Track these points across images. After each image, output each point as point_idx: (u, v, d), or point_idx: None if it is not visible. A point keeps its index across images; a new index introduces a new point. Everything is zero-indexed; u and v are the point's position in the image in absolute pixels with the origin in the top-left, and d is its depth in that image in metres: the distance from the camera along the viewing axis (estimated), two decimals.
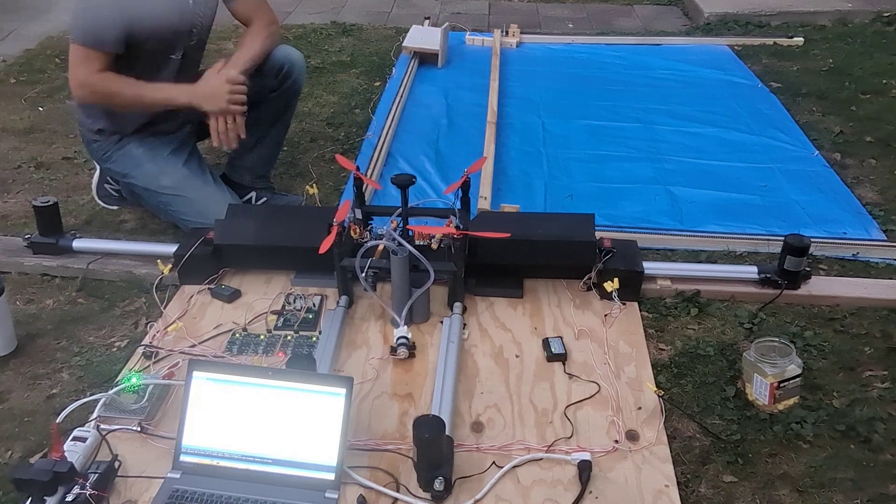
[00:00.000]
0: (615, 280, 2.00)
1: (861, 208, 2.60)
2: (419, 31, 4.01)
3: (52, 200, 2.24)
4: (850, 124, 3.23)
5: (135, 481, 1.52)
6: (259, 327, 1.97)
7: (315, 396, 1.51)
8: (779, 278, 2.11)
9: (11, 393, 1.80)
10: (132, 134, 2.30)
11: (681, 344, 1.96)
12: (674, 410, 1.73)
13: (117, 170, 2.37)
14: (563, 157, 2.96)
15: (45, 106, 3.39)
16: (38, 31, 4.32)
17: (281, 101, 2.48)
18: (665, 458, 1.60)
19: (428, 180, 2.78)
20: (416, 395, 1.76)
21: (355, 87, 3.61)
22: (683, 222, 2.52)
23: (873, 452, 1.65)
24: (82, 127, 2.36)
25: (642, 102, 3.43)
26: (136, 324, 2.02)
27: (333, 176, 2.79)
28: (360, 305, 2.06)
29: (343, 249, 1.97)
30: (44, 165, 2.87)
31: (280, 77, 2.43)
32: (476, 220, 2.14)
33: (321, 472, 1.49)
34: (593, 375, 1.82)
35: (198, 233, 2.14)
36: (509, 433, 1.65)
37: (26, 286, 2.17)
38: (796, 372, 1.73)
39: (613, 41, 4.30)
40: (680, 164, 2.90)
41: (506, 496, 1.50)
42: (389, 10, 4.88)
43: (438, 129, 3.19)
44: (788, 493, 1.55)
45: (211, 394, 1.53)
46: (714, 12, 4.61)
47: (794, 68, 3.88)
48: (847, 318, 2.06)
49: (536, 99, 3.48)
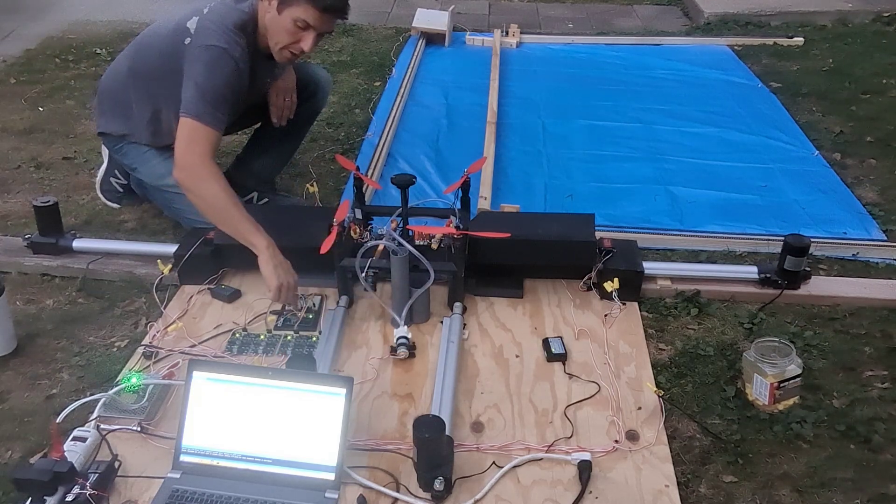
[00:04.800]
0: (615, 280, 2.00)
1: (861, 208, 2.60)
2: (426, 14, 4.25)
3: (52, 200, 2.24)
4: (850, 124, 3.23)
5: (135, 481, 1.52)
6: (259, 327, 1.97)
7: (315, 396, 1.51)
8: (779, 278, 2.11)
9: (11, 393, 1.80)
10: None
11: (681, 344, 1.96)
12: (674, 410, 1.73)
13: (126, 162, 2.40)
14: (563, 157, 2.97)
15: (45, 106, 3.38)
16: (38, 31, 4.32)
17: (300, 117, 2.51)
18: (665, 458, 1.59)
19: (428, 180, 2.78)
20: (416, 395, 1.76)
21: (355, 87, 3.61)
22: (683, 222, 2.52)
23: (873, 452, 1.65)
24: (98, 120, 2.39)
25: (642, 102, 3.44)
26: (136, 324, 2.02)
27: (333, 176, 2.79)
28: (360, 305, 2.06)
29: (343, 249, 1.97)
30: (44, 165, 2.87)
31: (304, 95, 2.48)
32: (476, 220, 2.14)
33: (321, 472, 1.48)
34: (593, 375, 1.82)
35: (198, 233, 2.14)
36: (509, 433, 1.65)
37: (26, 286, 2.17)
38: (796, 372, 1.73)
39: (613, 41, 4.30)
40: (680, 164, 2.90)
41: (506, 496, 1.50)
42: (389, 10, 4.88)
43: (438, 129, 3.19)
44: (788, 493, 1.55)
45: (211, 394, 1.53)
46: (714, 12, 4.61)
47: (794, 68, 3.88)
48: (847, 318, 2.06)
49: (536, 99, 3.49)
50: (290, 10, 1.99)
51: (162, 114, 2.22)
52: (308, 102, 2.52)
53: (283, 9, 2.00)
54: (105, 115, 2.35)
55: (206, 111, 1.98)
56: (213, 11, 2.08)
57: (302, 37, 2.03)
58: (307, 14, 1.99)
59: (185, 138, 1.98)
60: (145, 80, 2.21)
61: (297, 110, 2.47)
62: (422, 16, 4.26)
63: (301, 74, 2.46)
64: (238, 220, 1.97)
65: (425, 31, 4.16)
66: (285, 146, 2.61)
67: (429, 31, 4.16)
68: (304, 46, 2.04)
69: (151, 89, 2.20)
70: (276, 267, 1.92)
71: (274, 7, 2.01)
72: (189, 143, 1.98)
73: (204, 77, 2.00)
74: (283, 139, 2.56)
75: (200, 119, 1.98)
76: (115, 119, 2.31)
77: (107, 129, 2.35)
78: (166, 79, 2.10)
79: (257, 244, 1.94)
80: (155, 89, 2.19)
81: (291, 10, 1.99)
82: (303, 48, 2.04)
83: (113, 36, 4.21)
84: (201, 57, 2.01)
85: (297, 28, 2.01)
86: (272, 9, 2.02)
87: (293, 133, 2.58)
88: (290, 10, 1.99)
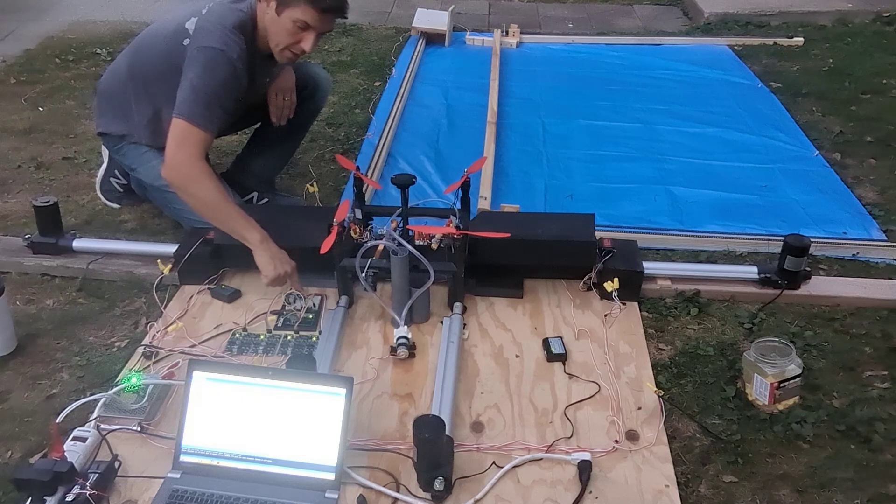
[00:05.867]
0: (615, 280, 2.00)
1: (861, 208, 2.60)
2: (426, 14, 4.26)
3: (52, 200, 2.24)
4: (850, 124, 3.23)
5: (135, 481, 1.52)
6: (259, 327, 1.97)
7: (315, 396, 1.51)
8: (779, 278, 2.11)
9: (11, 393, 1.80)
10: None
11: (681, 344, 1.96)
12: (674, 410, 1.73)
13: (126, 163, 2.40)
14: (563, 157, 2.97)
15: (45, 106, 3.38)
16: (38, 31, 4.32)
17: (299, 117, 2.51)
18: (665, 458, 1.59)
19: (428, 180, 2.78)
20: (416, 395, 1.76)
21: (355, 87, 3.61)
22: (683, 222, 2.52)
23: (873, 452, 1.65)
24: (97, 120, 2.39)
25: (642, 102, 3.44)
26: (136, 324, 2.02)
27: (333, 176, 2.79)
28: (360, 305, 2.06)
29: (343, 249, 1.97)
30: (44, 165, 2.87)
31: (303, 95, 2.48)
32: (476, 220, 2.14)
33: (321, 472, 1.48)
34: (593, 375, 1.82)
35: (198, 233, 2.14)
36: (509, 433, 1.65)
37: (26, 286, 2.17)
38: (796, 372, 1.73)
39: (613, 41, 4.30)
40: (680, 164, 2.90)
41: (506, 496, 1.50)
42: (389, 10, 4.88)
43: (438, 129, 3.19)
44: (788, 493, 1.55)
45: (211, 394, 1.53)
46: (714, 12, 4.61)
47: (794, 68, 3.88)
48: (847, 318, 2.06)
49: (536, 99, 3.49)
50: (290, 11, 1.99)
51: (161, 114, 2.21)
52: (307, 102, 2.52)
53: (283, 10, 2.00)
54: (104, 115, 2.35)
55: (199, 113, 1.98)
56: (211, 12, 2.08)
57: (302, 37, 2.03)
58: (306, 15, 1.99)
59: (177, 139, 1.99)
60: (144, 80, 2.21)
61: (296, 110, 2.47)
62: (422, 16, 4.28)
63: (300, 74, 2.46)
64: (230, 215, 1.98)
65: (425, 31, 4.17)
66: (285, 146, 2.62)
67: (429, 31, 4.17)
68: (305, 46, 2.04)
69: (150, 90, 2.20)
70: (271, 258, 1.96)
71: (273, 8, 2.01)
72: (180, 144, 1.98)
73: (200, 78, 2.00)
74: (282, 139, 2.56)
75: (192, 121, 1.98)
76: (114, 119, 2.31)
77: (106, 129, 2.35)
78: (165, 79, 2.10)
79: (251, 239, 1.97)
80: (154, 90, 2.19)
81: (291, 11, 1.99)
82: (303, 48, 2.04)
83: (113, 36, 4.20)
84: (199, 58, 2.01)
85: (297, 29, 2.01)
86: (271, 10, 2.01)
87: (293, 133, 2.58)
88: (290, 12, 1.99)
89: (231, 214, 1.99)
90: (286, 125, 2.48)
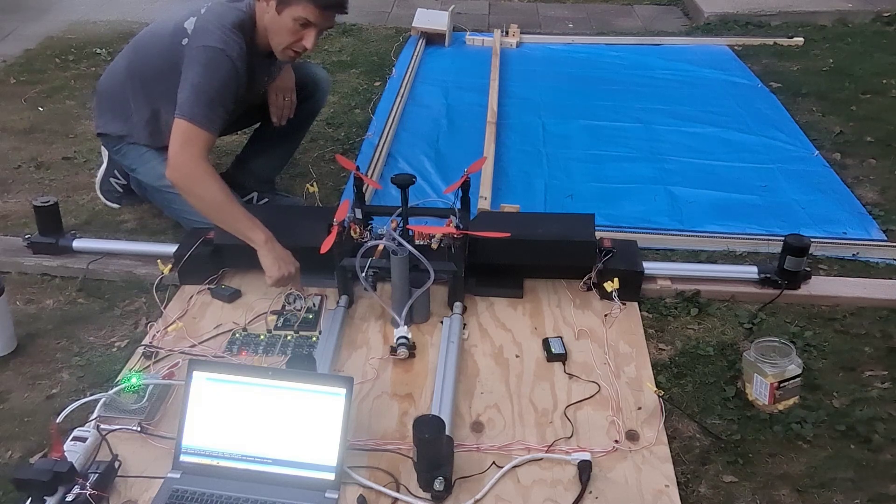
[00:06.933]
0: (615, 280, 2.00)
1: (861, 208, 2.60)
2: (426, 14, 4.27)
3: (52, 200, 2.24)
4: (850, 124, 3.23)
5: (135, 481, 1.52)
6: (259, 327, 1.97)
7: (315, 396, 1.51)
8: (779, 278, 2.11)
9: (11, 393, 1.80)
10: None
11: (681, 344, 1.96)
12: (674, 410, 1.73)
13: (125, 163, 2.40)
14: (563, 157, 2.96)
15: (45, 106, 3.38)
16: (38, 31, 4.32)
17: (299, 117, 2.51)
18: (665, 458, 1.59)
19: (428, 180, 2.78)
20: (416, 395, 1.76)
21: (355, 87, 3.61)
22: (683, 222, 2.52)
23: (873, 452, 1.65)
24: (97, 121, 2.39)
25: (642, 102, 3.44)
26: (136, 324, 2.02)
27: (333, 176, 2.79)
28: (360, 305, 2.06)
29: (343, 249, 1.97)
30: (44, 165, 2.87)
31: (303, 94, 2.47)
32: (476, 220, 2.14)
33: (321, 472, 1.48)
34: (593, 375, 1.82)
35: (198, 233, 2.14)
36: (509, 433, 1.65)
37: (26, 286, 2.17)
38: (796, 372, 1.73)
39: (613, 41, 4.30)
40: (680, 164, 2.90)
41: (506, 496, 1.50)
42: (389, 10, 4.88)
43: (438, 129, 3.19)
44: (788, 493, 1.55)
45: (211, 394, 1.53)
46: (714, 12, 4.61)
47: (794, 68, 3.88)
48: (847, 318, 2.06)
49: (536, 99, 3.49)
50: (290, 9, 1.99)
51: (160, 114, 2.21)
52: (307, 102, 2.52)
53: (283, 8, 1.99)
54: (104, 115, 2.34)
55: (201, 113, 1.98)
56: (210, 11, 2.08)
57: (303, 35, 2.03)
58: (307, 12, 1.99)
59: (179, 140, 1.98)
60: (143, 80, 2.21)
61: (296, 110, 2.47)
62: (422, 16, 4.28)
63: (300, 74, 2.46)
64: (235, 216, 1.98)
65: (425, 31, 4.17)
66: (285, 146, 2.62)
67: (429, 31, 4.17)
68: (307, 44, 2.04)
69: (150, 90, 2.20)
70: (276, 259, 1.95)
71: (273, 7, 2.01)
72: (183, 144, 1.98)
73: (200, 78, 1.99)
74: (282, 139, 2.56)
75: (194, 121, 1.98)
76: (113, 120, 2.31)
77: (106, 129, 2.34)
78: (164, 79, 2.10)
79: (255, 239, 1.96)
80: (153, 90, 2.19)
81: (291, 9, 1.99)
82: (305, 45, 2.04)
83: (113, 36, 4.20)
84: (198, 58, 2.01)
85: (299, 26, 2.01)
86: (271, 9, 2.01)
87: (293, 133, 2.58)
88: (290, 10, 1.99)
89: (236, 215, 1.98)
90: (286, 125, 2.48)
